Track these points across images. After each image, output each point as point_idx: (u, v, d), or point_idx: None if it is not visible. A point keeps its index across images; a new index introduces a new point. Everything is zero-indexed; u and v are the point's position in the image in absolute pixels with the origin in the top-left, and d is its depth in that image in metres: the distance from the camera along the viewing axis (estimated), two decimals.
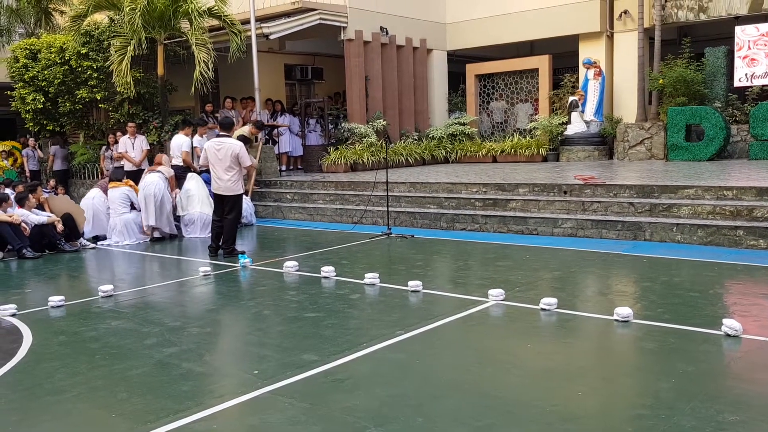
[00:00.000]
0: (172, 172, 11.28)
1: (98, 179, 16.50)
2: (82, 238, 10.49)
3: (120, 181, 11.15)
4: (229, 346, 5.58)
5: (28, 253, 9.51)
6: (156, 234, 10.84)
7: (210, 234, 9.71)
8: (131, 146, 14.12)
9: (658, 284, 6.66)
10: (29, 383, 4.58)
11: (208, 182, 10.60)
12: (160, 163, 11.43)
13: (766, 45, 14.24)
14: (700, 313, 5.60)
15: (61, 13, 20.68)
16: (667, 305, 5.87)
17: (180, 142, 12.24)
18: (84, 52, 15.49)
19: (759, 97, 14.49)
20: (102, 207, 11.27)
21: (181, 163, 12.07)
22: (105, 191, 11.33)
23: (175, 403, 4.11)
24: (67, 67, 15.96)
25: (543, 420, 3.71)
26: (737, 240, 8.29)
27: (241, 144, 9.22)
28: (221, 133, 9.38)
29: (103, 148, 15.70)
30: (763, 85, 14.48)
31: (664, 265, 7.52)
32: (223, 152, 8.96)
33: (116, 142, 14.63)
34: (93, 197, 11.44)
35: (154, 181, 10.77)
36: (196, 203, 11.25)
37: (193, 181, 11.48)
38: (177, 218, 11.38)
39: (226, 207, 9.13)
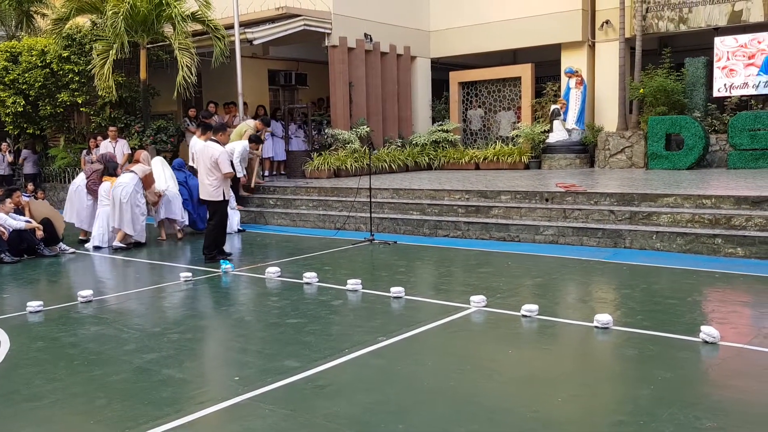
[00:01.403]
0: (147, 170, 10.92)
1: None
2: (61, 243, 10.37)
3: (112, 175, 11.01)
4: (209, 352, 5.55)
5: (6, 258, 9.39)
6: (120, 244, 10.45)
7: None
8: (112, 150, 14.01)
9: (637, 291, 6.72)
10: (6, 389, 4.52)
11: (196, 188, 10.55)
12: (137, 161, 11.06)
13: (744, 56, 14.47)
14: (678, 321, 5.66)
15: (43, 15, 20.54)
16: (646, 312, 5.93)
17: (195, 144, 12.24)
18: (65, 55, 15.38)
19: (737, 107, 14.71)
20: (85, 198, 11.19)
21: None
22: (92, 189, 11.22)
23: (155, 409, 4.07)
24: (48, 70, 15.84)
25: (524, 426, 3.73)
26: (716, 248, 8.39)
27: (222, 150, 9.03)
28: (212, 137, 9.27)
29: (84, 152, 15.57)
30: (742, 96, 14.70)
31: (643, 272, 7.60)
32: (206, 156, 8.90)
33: (97, 146, 14.52)
34: (78, 185, 11.38)
35: (123, 182, 10.53)
36: (162, 182, 11.19)
37: (158, 163, 11.52)
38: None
39: (209, 212, 9.08)
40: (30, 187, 15.88)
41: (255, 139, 12.67)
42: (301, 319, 6.07)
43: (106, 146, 14.09)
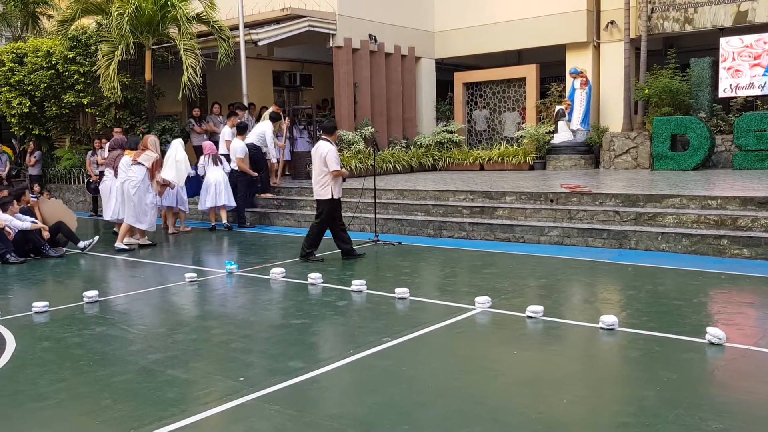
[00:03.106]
0: (155, 158, 10.65)
1: (83, 185, 16.42)
2: (81, 242, 10.27)
3: (134, 150, 10.87)
4: (214, 352, 5.54)
5: (12, 259, 9.43)
6: (123, 245, 10.37)
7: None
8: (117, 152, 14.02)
9: (643, 293, 6.70)
10: (12, 389, 4.54)
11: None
12: (146, 147, 10.69)
13: (750, 56, 14.42)
14: (684, 322, 5.64)
15: (48, 17, 20.61)
16: (651, 313, 5.92)
17: (236, 148, 12.31)
18: (71, 56, 15.42)
19: (743, 107, 14.65)
20: (116, 191, 11.04)
21: (236, 168, 12.42)
22: (115, 168, 11.09)
23: (160, 409, 4.08)
24: (53, 71, 15.88)
25: (529, 427, 3.72)
26: (721, 249, 8.36)
27: (330, 147, 8.86)
28: (324, 136, 9.24)
29: (89, 153, 15.60)
30: (747, 96, 14.65)
31: (649, 273, 7.58)
32: (317, 154, 8.92)
33: (102, 147, 14.54)
34: (110, 187, 11.28)
35: (131, 176, 10.39)
36: (168, 171, 11.13)
37: (172, 147, 11.53)
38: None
39: (317, 210, 9.15)
40: (36, 188, 15.92)
41: (274, 117, 12.85)
42: (305, 319, 6.08)
43: None
